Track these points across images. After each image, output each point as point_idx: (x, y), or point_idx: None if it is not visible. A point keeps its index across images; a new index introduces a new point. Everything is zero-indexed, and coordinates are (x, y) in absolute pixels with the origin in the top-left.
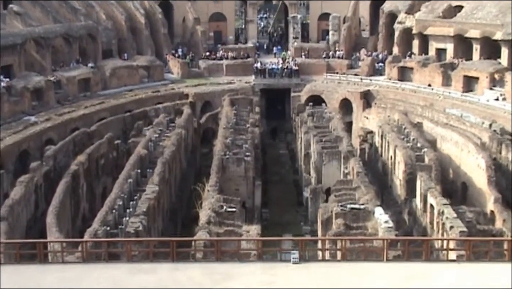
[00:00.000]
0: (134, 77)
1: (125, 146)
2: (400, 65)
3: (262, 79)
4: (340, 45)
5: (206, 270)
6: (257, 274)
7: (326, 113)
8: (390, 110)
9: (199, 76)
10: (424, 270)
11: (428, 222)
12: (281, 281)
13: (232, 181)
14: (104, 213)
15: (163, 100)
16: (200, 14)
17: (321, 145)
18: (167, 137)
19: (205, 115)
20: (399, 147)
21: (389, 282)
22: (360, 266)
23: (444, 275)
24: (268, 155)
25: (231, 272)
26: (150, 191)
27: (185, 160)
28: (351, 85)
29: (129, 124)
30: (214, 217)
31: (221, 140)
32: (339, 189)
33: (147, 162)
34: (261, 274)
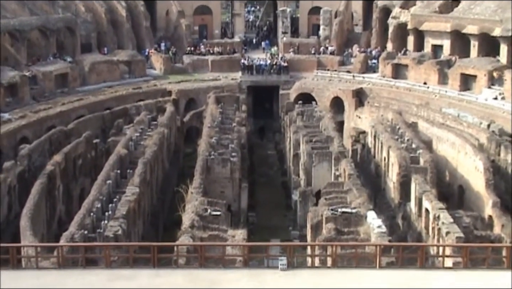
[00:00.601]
0: (115, 73)
1: (104, 145)
2: (394, 62)
3: (249, 76)
4: (332, 40)
5: (189, 277)
6: (243, 282)
7: (317, 112)
8: (383, 109)
9: (183, 72)
10: (419, 278)
11: (423, 227)
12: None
13: (217, 183)
14: (81, 216)
15: (144, 97)
16: (184, 7)
17: (311, 145)
18: (148, 136)
19: (189, 114)
20: (393, 147)
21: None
22: (352, 273)
23: (440, 283)
24: (255, 156)
25: (215, 279)
26: (130, 193)
27: (168, 160)
28: (343, 82)
29: (109, 122)
30: (198, 221)
31: (206, 140)
32: (329, 192)
33: (127, 162)
34: (247, 281)
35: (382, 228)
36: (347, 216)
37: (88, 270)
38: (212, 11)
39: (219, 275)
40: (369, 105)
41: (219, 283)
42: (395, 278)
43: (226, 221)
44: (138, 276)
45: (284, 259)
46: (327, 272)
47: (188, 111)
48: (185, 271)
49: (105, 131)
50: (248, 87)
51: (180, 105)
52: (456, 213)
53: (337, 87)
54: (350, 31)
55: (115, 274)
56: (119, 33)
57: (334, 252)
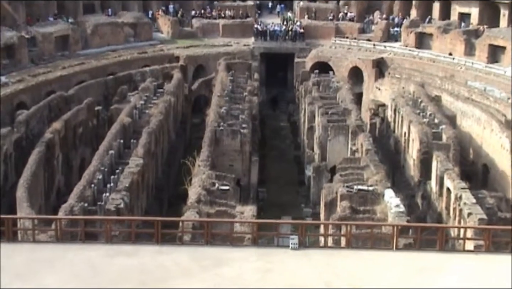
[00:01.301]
0: (119, 36)
1: (106, 113)
2: (418, 31)
3: (262, 42)
4: (351, 6)
5: (194, 255)
6: (252, 261)
7: (334, 82)
8: (405, 81)
9: (192, 37)
10: (438, 261)
11: (444, 208)
12: (278, 268)
13: (226, 156)
14: (81, 187)
15: (150, 63)
16: None
17: (327, 117)
18: (154, 104)
19: (198, 81)
20: (414, 122)
21: (399, 272)
22: (367, 254)
23: (460, 267)
24: (267, 127)
25: (222, 258)
26: (133, 165)
27: (174, 130)
28: (362, 52)
29: (112, 88)
30: (205, 196)
31: (215, 110)
32: (345, 168)
33: (131, 131)
34: (255, 260)
35: (400, 207)
36: (363, 194)
37: (87, 245)
38: None
39: (226, 253)
40: (390, 77)
41: (226, 262)
42: (412, 260)
43: (234, 196)
44: (140, 252)
45: (295, 238)
46: (340, 253)
47: (197, 78)
48: (190, 248)
49: (107, 98)
50: (261, 54)
51: (188, 72)
52: (480, 193)
53: (356, 56)
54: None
55: (116, 250)
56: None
57: (349, 232)
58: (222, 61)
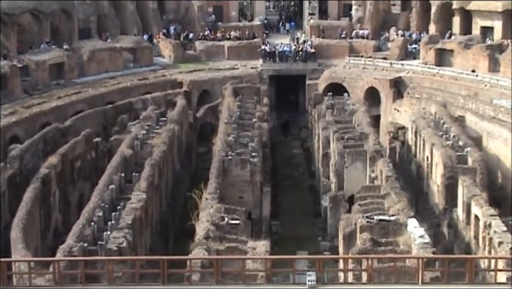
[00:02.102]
0: (117, 62)
1: (106, 145)
2: (437, 47)
3: (271, 64)
4: (366, 22)
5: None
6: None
7: (349, 105)
8: (425, 101)
9: (196, 61)
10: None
11: (472, 237)
12: None
13: (235, 187)
14: (80, 226)
15: (152, 90)
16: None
17: (343, 143)
18: (156, 134)
19: (203, 108)
20: (436, 145)
21: None
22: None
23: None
24: (278, 155)
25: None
26: (136, 200)
27: (179, 161)
28: (378, 71)
29: (111, 118)
30: (214, 231)
31: (222, 138)
32: (364, 197)
33: (132, 164)
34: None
35: (425, 238)
36: (385, 224)
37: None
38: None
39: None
40: (409, 97)
41: None
42: None
43: (246, 230)
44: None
45: (312, 274)
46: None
47: (202, 105)
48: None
49: (107, 128)
50: (270, 77)
51: (192, 99)
52: (511, 220)
53: (372, 76)
54: (387, 12)
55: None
56: (122, 16)
57: (370, 266)
58: (228, 86)
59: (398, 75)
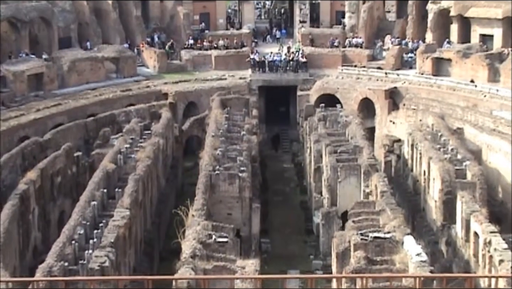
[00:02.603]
0: (99, 72)
1: (87, 159)
2: (435, 56)
3: (260, 74)
4: (360, 30)
5: None
6: None
7: (342, 117)
8: (422, 113)
9: (181, 71)
10: None
11: (472, 255)
12: None
13: (223, 204)
14: (60, 244)
15: (135, 101)
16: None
17: (336, 157)
18: (140, 148)
19: (189, 120)
20: (434, 159)
21: None
22: None
23: None
24: (268, 170)
25: None
26: (119, 217)
27: (164, 176)
28: (373, 81)
29: (93, 131)
30: (201, 250)
31: (209, 152)
32: (358, 213)
33: (115, 179)
34: None
35: (422, 256)
36: (380, 242)
37: None
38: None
39: None
40: (405, 109)
41: None
42: None
43: (234, 249)
44: None
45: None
46: None
47: (188, 117)
48: None
49: (88, 142)
50: (259, 88)
51: (178, 111)
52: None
53: (366, 86)
54: (382, 19)
55: None
56: (104, 24)
57: (365, 286)
58: (216, 97)
59: (393, 85)
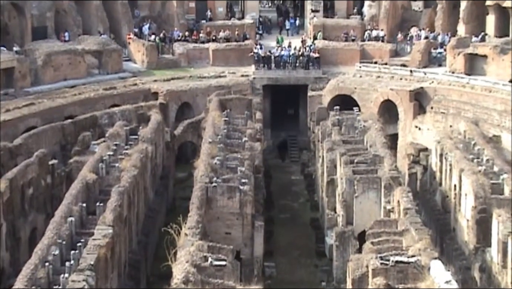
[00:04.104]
0: (79, 68)
1: (64, 168)
2: (468, 52)
3: (266, 71)
4: (381, 22)
5: None
6: None
7: (360, 121)
8: (453, 117)
9: (174, 66)
10: None
11: (510, 282)
12: None
13: (221, 221)
14: (32, 266)
15: (120, 102)
16: None
17: (352, 168)
18: (126, 155)
19: (182, 124)
20: (466, 171)
21: None
22: None
23: None
24: (274, 182)
25: None
26: (100, 235)
27: (153, 189)
28: (396, 80)
29: (71, 136)
30: (195, 274)
31: (206, 161)
32: (378, 234)
33: (96, 191)
34: None
35: (452, 283)
36: (403, 267)
37: None
38: None
39: None
40: (433, 112)
41: None
42: None
43: (233, 273)
44: None
45: None
46: None
47: (181, 120)
48: None
49: (65, 148)
50: (264, 87)
51: (169, 113)
52: None
53: (388, 86)
54: (407, 9)
55: None
56: (85, 12)
57: None
58: (213, 97)
59: (419, 85)
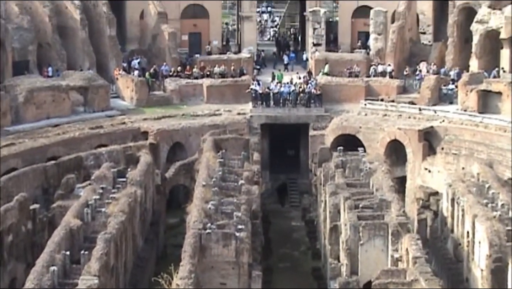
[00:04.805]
0: (63, 105)
1: (46, 214)
2: (481, 89)
3: (264, 108)
4: (388, 56)
5: None
6: None
7: (365, 163)
8: (465, 159)
9: (165, 104)
10: None
11: None
12: None
13: (215, 270)
14: None
15: (107, 142)
16: (168, 7)
17: (357, 213)
18: (113, 200)
19: (174, 166)
20: (480, 217)
21: None
22: None
23: None
24: (273, 229)
25: None
26: (85, 286)
27: (142, 236)
28: (404, 119)
29: (54, 179)
30: None
31: (199, 206)
32: (385, 284)
33: (80, 239)
34: None
35: None
36: None
37: None
38: (208, 13)
39: None
40: (444, 154)
41: None
42: None
43: None
44: None
45: None
46: None
47: (173, 162)
48: None
49: (48, 192)
50: (262, 126)
51: (160, 154)
52: None
53: (395, 126)
54: (415, 42)
55: None
56: (70, 45)
57: None
58: (208, 137)
59: (429, 124)
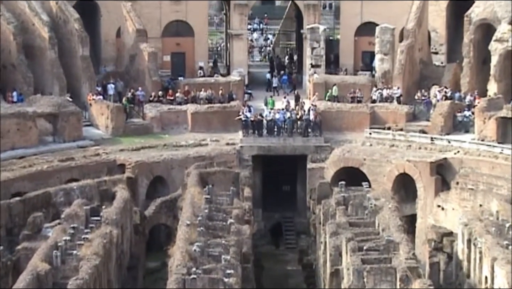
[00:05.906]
0: (29, 134)
1: (10, 257)
2: (501, 116)
3: (255, 138)
4: (395, 79)
5: None
6: None
7: (370, 199)
8: (483, 195)
9: (145, 133)
10: None
11: None
12: None
13: None
14: None
15: (79, 176)
16: (147, 24)
17: (361, 256)
18: (86, 241)
19: (155, 202)
20: (499, 260)
21: None
22: None
23: None
24: (266, 274)
25: None
26: None
27: (119, 281)
28: (414, 150)
29: (19, 217)
30: None
31: (183, 248)
32: None
33: (49, 285)
34: None
35: None
36: None
37: None
38: (193, 30)
39: None
40: (459, 189)
41: None
42: None
43: None
44: None
45: None
46: None
47: (153, 198)
48: None
49: (12, 232)
50: (253, 158)
51: (139, 189)
52: None
53: (404, 157)
54: (426, 64)
55: None
56: (37, 67)
57: None
58: (192, 170)
59: (442, 156)
